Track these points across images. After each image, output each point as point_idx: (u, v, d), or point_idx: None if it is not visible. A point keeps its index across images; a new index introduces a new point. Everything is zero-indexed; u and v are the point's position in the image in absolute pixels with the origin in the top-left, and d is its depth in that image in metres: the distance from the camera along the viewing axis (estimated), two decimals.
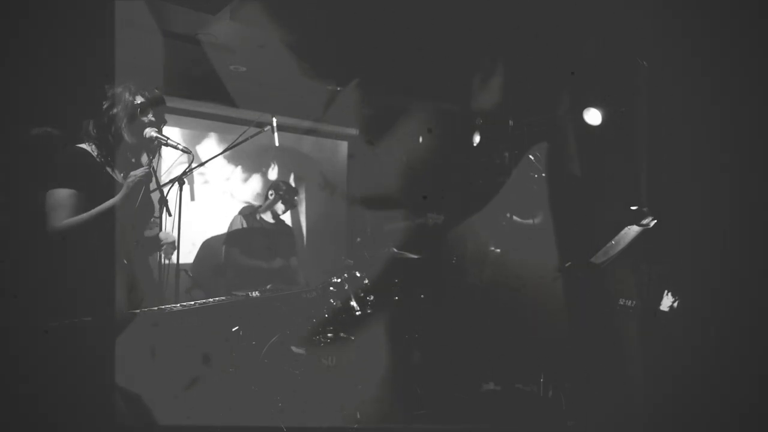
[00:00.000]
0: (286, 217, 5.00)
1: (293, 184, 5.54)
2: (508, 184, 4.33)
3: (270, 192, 4.34)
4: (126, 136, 2.28)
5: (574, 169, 3.89)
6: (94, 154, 2.25)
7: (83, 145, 2.26)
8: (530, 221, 4.28)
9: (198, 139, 4.87)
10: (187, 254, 4.42)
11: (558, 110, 3.98)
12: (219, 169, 4.89)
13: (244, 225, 4.21)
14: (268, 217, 4.32)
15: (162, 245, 2.47)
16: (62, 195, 2.12)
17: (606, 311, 3.38)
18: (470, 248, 4.69)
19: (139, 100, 2.29)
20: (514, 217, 4.35)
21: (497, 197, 4.40)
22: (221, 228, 4.75)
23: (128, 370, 2.20)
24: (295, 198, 4.44)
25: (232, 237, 4.17)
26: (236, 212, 4.86)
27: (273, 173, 5.37)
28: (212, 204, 4.85)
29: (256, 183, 5.24)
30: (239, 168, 5.13)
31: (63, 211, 2.11)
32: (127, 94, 2.29)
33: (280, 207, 4.31)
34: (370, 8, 3.36)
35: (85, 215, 2.13)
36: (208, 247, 4.63)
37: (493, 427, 3.39)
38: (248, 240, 4.16)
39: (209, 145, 4.92)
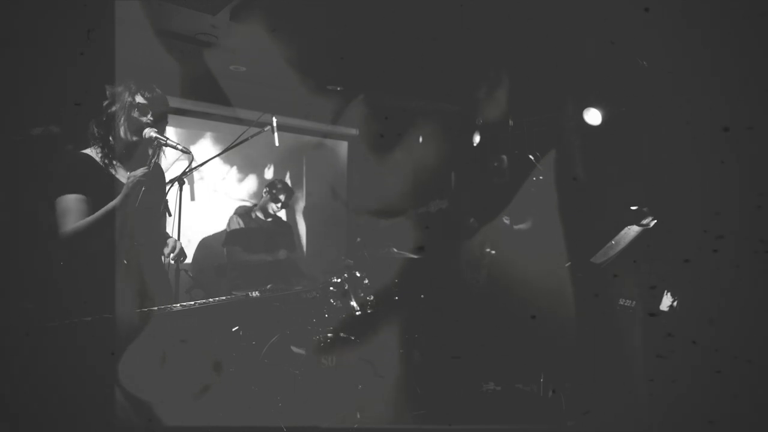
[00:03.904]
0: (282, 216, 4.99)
1: (289, 183, 5.54)
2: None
3: (264, 190, 4.36)
4: (125, 136, 2.28)
5: (579, 173, 3.89)
6: (98, 158, 2.26)
7: (87, 150, 2.27)
8: (527, 224, 4.29)
9: (194, 139, 4.86)
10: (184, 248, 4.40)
11: (563, 115, 3.99)
12: (215, 168, 4.88)
13: (241, 224, 4.22)
14: (262, 215, 4.32)
15: (170, 256, 2.39)
16: (71, 200, 2.14)
17: (606, 311, 3.38)
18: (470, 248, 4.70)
19: (139, 99, 2.29)
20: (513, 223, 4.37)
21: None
22: (217, 226, 4.76)
23: (136, 375, 2.21)
24: (291, 197, 4.42)
25: (231, 237, 4.17)
26: (232, 210, 4.88)
27: (269, 173, 5.36)
28: (208, 201, 4.83)
29: (251, 183, 5.23)
30: (234, 168, 5.12)
31: (73, 216, 2.13)
32: (127, 94, 2.28)
33: (272, 206, 4.30)
34: (369, 11, 3.35)
35: (89, 218, 2.13)
36: (205, 247, 4.63)
37: (493, 427, 3.39)
38: (247, 238, 4.16)
39: (205, 145, 4.91)
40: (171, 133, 4.26)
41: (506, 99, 4.33)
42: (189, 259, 4.52)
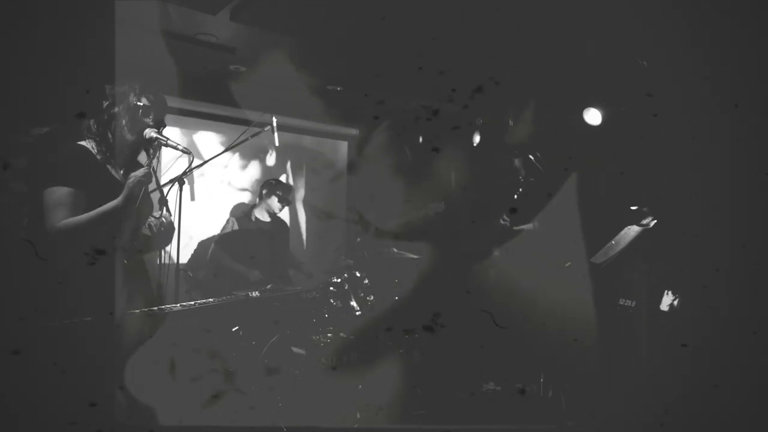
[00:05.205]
0: (285, 217, 5.00)
1: (290, 174, 5.54)
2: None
3: (263, 191, 4.33)
4: (126, 137, 2.28)
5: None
6: (94, 151, 2.25)
7: (83, 143, 2.25)
8: (530, 225, 4.29)
9: (195, 131, 4.86)
10: (184, 247, 4.40)
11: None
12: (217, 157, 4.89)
13: (236, 227, 4.20)
14: (263, 216, 4.31)
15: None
16: (62, 193, 2.11)
17: (606, 311, 3.38)
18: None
19: (143, 101, 2.29)
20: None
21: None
22: (218, 226, 4.76)
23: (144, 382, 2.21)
24: (289, 192, 4.41)
25: (222, 239, 4.16)
26: (233, 202, 4.85)
27: (271, 159, 5.34)
28: (210, 196, 4.83)
29: (254, 170, 5.22)
30: (237, 155, 5.12)
31: (63, 210, 2.10)
32: (131, 95, 2.29)
33: (276, 205, 4.29)
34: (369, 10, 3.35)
35: (86, 216, 2.12)
36: (204, 247, 4.63)
37: (493, 427, 3.39)
38: (237, 243, 4.13)
39: (206, 138, 4.91)
40: (169, 132, 4.26)
41: (532, 121, 4.37)
42: (185, 258, 4.52)
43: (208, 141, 4.91)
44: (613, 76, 3.65)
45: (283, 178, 5.46)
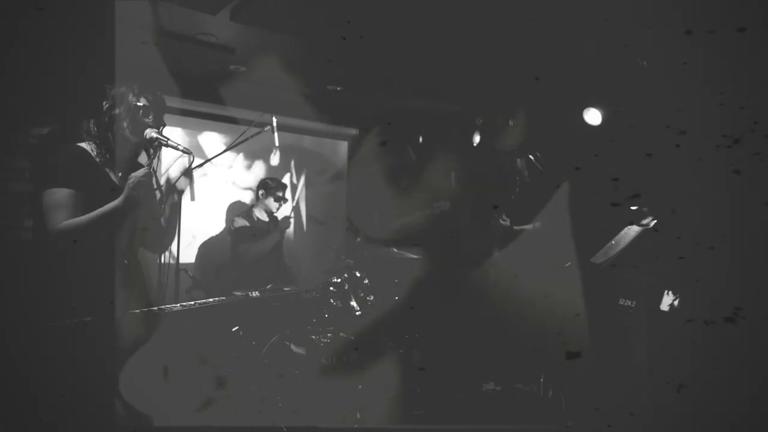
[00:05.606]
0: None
1: (294, 173, 5.54)
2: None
3: (260, 192, 4.34)
4: (127, 137, 2.29)
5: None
6: (93, 153, 2.25)
7: (82, 144, 2.26)
8: (531, 226, 4.29)
9: (200, 132, 4.87)
10: (186, 247, 4.42)
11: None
12: (221, 157, 4.91)
13: (246, 224, 4.21)
14: (263, 215, 4.32)
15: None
16: (62, 195, 2.11)
17: (606, 311, 3.38)
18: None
19: (142, 102, 2.30)
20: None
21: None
22: (218, 225, 4.77)
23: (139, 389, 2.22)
24: (285, 191, 4.41)
25: (239, 235, 4.16)
26: (236, 203, 4.82)
27: (275, 159, 5.35)
28: (210, 196, 4.83)
29: (259, 170, 5.23)
30: (241, 155, 5.13)
31: (63, 212, 2.10)
32: (130, 96, 2.29)
33: (273, 204, 4.29)
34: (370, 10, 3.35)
35: (86, 217, 2.12)
36: (206, 248, 4.64)
37: (493, 427, 3.39)
38: (253, 236, 4.16)
39: (211, 138, 4.92)
40: (170, 132, 4.26)
41: (525, 127, 4.39)
42: (190, 257, 4.52)
43: (213, 142, 4.91)
44: (613, 76, 3.65)
45: (287, 178, 5.46)
